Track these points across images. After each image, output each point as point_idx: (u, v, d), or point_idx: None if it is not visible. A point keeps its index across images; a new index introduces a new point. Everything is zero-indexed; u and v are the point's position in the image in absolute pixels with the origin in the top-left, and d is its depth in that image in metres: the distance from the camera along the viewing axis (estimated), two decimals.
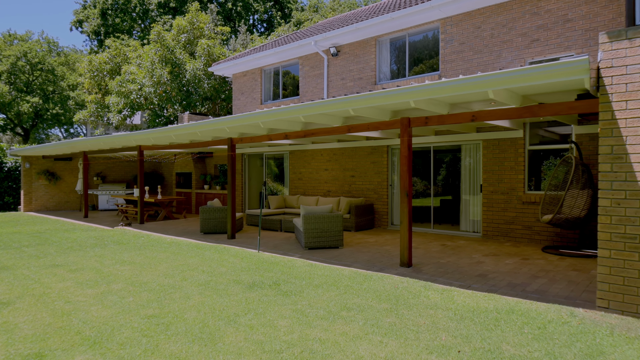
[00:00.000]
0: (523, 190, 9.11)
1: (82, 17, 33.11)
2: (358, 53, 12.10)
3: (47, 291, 5.68)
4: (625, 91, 4.43)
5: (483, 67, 9.63)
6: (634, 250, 4.37)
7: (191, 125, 8.99)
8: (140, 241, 9.95)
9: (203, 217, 10.87)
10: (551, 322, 4.28)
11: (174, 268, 6.97)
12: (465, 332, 4.03)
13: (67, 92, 42.52)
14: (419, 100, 5.73)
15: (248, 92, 15.52)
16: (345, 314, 4.57)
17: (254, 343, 3.82)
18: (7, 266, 7.30)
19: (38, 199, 19.88)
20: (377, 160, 11.68)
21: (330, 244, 8.53)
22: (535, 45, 8.93)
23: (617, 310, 4.48)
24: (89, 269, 6.97)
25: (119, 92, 18.42)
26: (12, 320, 4.54)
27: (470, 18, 9.86)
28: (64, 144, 14.50)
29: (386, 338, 3.90)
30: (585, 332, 4.01)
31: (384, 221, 11.55)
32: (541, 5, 8.85)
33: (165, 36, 19.09)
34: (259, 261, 7.47)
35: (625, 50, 4.43)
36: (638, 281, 4.35)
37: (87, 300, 5.24)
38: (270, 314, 4.61)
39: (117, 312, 4.73)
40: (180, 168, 19.03)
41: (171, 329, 4.20)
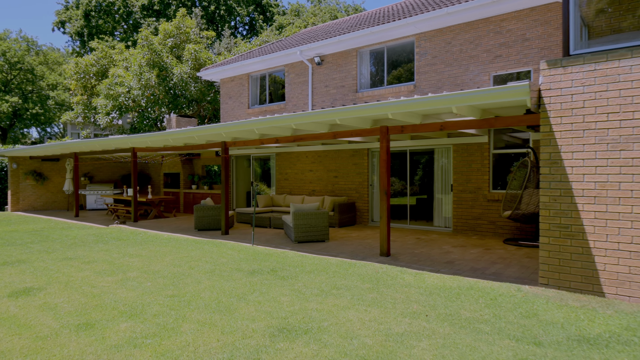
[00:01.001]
0: (488, 190, 10.24)
1: (64, 18, 33.15)
2: (340, 62, 13.07)
3: (71, 279, 6.44)
4: (560, 109, 5.51)
5: (453, 79, 10.72)
6: (567, 237, 5.45)
7: (189, 130, 9.79)
8: (139, 237, 10.68)
9: (197, 214, 11.67)
10: (501, 295, 5.32)
11: (179, 259, 7.79)
12: (432, 303, 5.02)
13: (46, 91, 42.32)
14: (395, 113, 6.73)
15: (236, 97, 16.32)
16: (335, 292, 5.52)
17: (264, 312, 4.73)
18: (23, 260, 7.99)
19: (25, 199, 20.18)
20: (358, 162, 12.68)
21: (318, 238, 9.47)
22: (498, 60, 10.06)
23: (555, 286, 5.55)
24: (101, 261, 7.73)
25: (108, 94, 18.94)
26: (51, 301, 5.33)
27: (441, 34, 10.94)
28: (57, 145, 15.03)
29: (369, 307, 4.87)
30: (527, 302, 5.05)
31: (365, 218, 12.56)
32: (503, 25, 9.99)
33: (152, 40, 19.69)
34: (254, 253, 8.35)
35: (560, 76, 5.51)
36: (570, 262, 5.43)
37: (110, 285, 6.05)
38: (272, 293, 5.53)
39: (141, 294, 5.57)
40: (168, 169, 19.67)
41: (192, 304, 5.07)
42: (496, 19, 10.08)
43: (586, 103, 5.31)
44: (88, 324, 4.45)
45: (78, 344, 3.92)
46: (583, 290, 5.33)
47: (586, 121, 5.31)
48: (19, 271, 7.01)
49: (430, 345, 3.80)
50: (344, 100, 12.96)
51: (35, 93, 42.50)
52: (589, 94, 5.30)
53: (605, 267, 5.18)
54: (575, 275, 5.38)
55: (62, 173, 20.90)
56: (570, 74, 5.44)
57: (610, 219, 5.15)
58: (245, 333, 4.12)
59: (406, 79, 11.94)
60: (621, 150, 5.09)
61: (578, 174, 5.37)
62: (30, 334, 4.19)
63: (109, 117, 19.82)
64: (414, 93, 11.40)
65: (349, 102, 12.82)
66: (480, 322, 4.36)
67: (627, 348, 3.72)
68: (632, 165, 5.01)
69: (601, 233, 5.21)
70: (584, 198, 5.32)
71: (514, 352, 3.63)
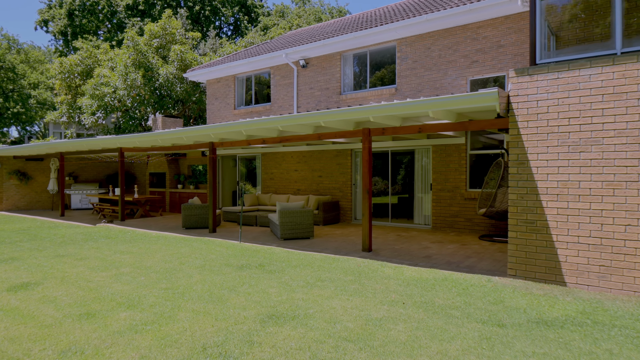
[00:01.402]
0: (465, 189, 10.75)
1: (47, 17, 32.84)
2: (325, 65, 13.47)
3: (66, 274, 6.70)
4: (527, 114, 5.99)
5: (432, 82, 11.21)
6: (532, 232, 5.93)
7: (178, 131, 10.07)
8: (128, 236, 10.90)
9: (185, 213, 11.93)
10: (472, 286, 5.77)
11: (170, 256, 8.09)
12: (409, 293, 5.45)
13: (27, 90, 41.76)
14: (376, 116, 7.14)
15: (222, 98, 16.59)
16: (319, 284, 5.90)
17: (254, 302, 5.09)
18: (15, 257, 8.18)
19: (9, 198, 20.08)
20: (342, 162, 13.09)
21: (303, 235, 9.85)
22: (475, 65, 10.57)
23: (522, 276, 6.03)
24: (93, 258, 7.98)
25: (93, 94, 19.00)
26: (50, 294, 5.59)
27: (422, 40, 11.42)
28: (43, 145, 15.10)
29: (352, 297, 5.27)
30: (495, 291, 5.51)
31: (348, 216, 12.98)
32: (480, 32, 10.50)
33: (138, 41, 19.79)
34: (242, 249, 8.69)
35: (527, 83, 5.99)
36: (535, 255, 5.92)
37: (105, 280, 6.33)
38: (261, 285, 5.88)
39: (136, 287, 5.87)
40: (154, 168, 19.80)
41: (186, 295, 5.40)
42: (473, 26, 10.59)
43: (550, 108, 5.80)
44: (89, 314, 4.75)
45: (82, 331, 4.23)
46: (547, 280, 5.82)
47: (550, 125, 5.80)
48: (13, 268, 7.22)
49: (405, 327, 4.22)
50: (328, 102, 13.36)
51: (16, 92, 41.91)
52: (552, 100, 5.79)
53: (567, 258, 5.68)
54: (540, 266, 5.87)
55: (47, 173, 20.84)
56: (536, 81, 5.92)
57: (571, 214, 5.65)
58: (237, 320, 4.48)
59: (388, 82, 12.39)
60: (581, 152, 5.58)
61: (543, 174, 5.86)
62: (35, 323, 4.47)
63: (94, 117, 19.86)
64: (396, 96, 11.86)
65: (333, 104, 13.22)
66: (452, 309, 4.79)
67: (579, 328, 4.18)
68: (591, 165, 5.51)
69: (563, 228, 5.70)
70: (548, 196, 5.81)
71: (479, 333, 4.07)
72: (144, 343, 3.90)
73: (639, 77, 5.23)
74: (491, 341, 3.87)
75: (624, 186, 5.30)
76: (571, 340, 3.88)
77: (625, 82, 5.31)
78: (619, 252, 5.33)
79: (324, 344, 3.83)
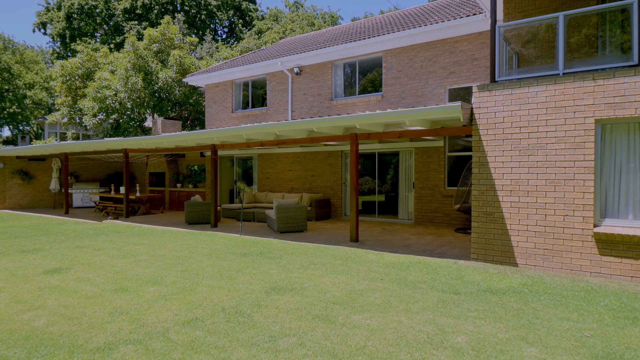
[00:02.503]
0: (444, 187, 11.89)
1: (45, 19, 33.52)
2: (317, 73, 14.54)
3: (91, 261, 7.70)
4: (486, 123, 7.11)
5: (414, 90, 12.33)
6: (491, 222, 7.06)
7: (183, 134, 11.07)
8: (136, 230, 11.89)
9: (188, 210, 12.94)
10: (441, 267, 6.88)
11: (179, 246, 9.11)
12: (387, 272, 6.54)
13: (23, 90, 42.35)
14: (362, 123, 8.23)
15: (220, 102, 17.59)
16: (312, 266, 6.98)
17: (258, 279, 6.15)
18: (39, 249, 9.14)
19: (12, 197, 20.88)
20: (333, 163, 14.18)
21: (297, 228, 10.92)
22: (453, 76, 11.71)
23: (482, 259, 7.16)
24: (110, 249, 8.98)
25: (95, 97, 19.90)
26: (83, 276, 6.60)
27: (405, 52, 12.54)
28: (50, 145, 15.99)
29: (339, 275, 6.35)
30: (458, 270, 6.63)
31: (339, 212, 14.07)
32: (456, 46, 11.64)
33: (138, 45, 20.71)
34: (243, 241, 9.73)
35: (487, 97, 7.11)
36: (493, 241, 7.04)
37: (127, 265, 7.34)
38: (263, 267, 6.95)
39: (156, 270, 6.90)
40: (154, 168, 20.74)
41: (200, 275, 6.44)
42: (451, 41, 11.72)
43: (505, 119, 6.93)
44: (122, 289, 5.78)
45: (121, 300, 5.26)
46: (502, 262, 6.95)
47: (505, 133, 6.93)
48: (40, 257, 8.20)
49: (381, 295, 5.31)
50: (320, 107, 14.43)
51: (11, 92, 42.46)
52: (507, 112, 6.92)
53: (518, 244, 6.81)
54: (496, 250, 7.00)
55: (49, 172, 21.67)
56: (494, 96, 7.05)
57: (521, 207, 6.78)
58: (246, 291, 5.54)
59: (375, 90, 13.50)
60: (529, 155, 6.72)
61: (499, 173, 6.98)
62: (79, 296, 5.50)
63: (96, 118, 20.74)
64: (382, 102, 12.97)
65: (325, 109, 14.30)
66: (420, 283, 5.89)
67: (517, 295, 5.30)
68: (537, 166, 6.65)
69: (515, 218, 6.84)
70: (503, 192, 6.94)
71: (438, 298, 5.17)
72: (174, 306, 4.95)
73: (574, 94, 6.37)
74: (446, 303, 4.97)
75: (563, 183, 6.44)
76: (508, 302, 4.99)
77: (564, 98, 6.45)
78: (559, 237, 6.47)
79: (316, 305, 4.91)
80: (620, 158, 6.28)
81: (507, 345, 3.76)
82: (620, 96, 6.06)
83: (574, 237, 6.36)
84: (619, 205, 6.29)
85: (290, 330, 4.15)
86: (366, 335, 4.01)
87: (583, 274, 6.31)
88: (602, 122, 6.31)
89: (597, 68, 6.53)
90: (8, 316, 4.71)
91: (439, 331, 4.10)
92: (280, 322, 4.37)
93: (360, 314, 4.61)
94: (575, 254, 6.36)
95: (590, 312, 4.65)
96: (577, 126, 6.35)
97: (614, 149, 6.31)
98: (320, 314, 4.61)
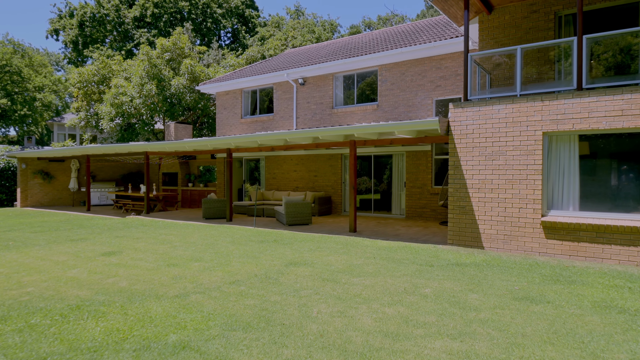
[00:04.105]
0: (431, 186, 13.58)
1: (58, 27, 35.14)
2: (320, 84, 16.21)
3: (136, 247, 9.34)
4: (460, 133, 8.79)
5: (406, 101, 14.01)
6: (463, 214, 8.73)
7: (204, 140, 12.72)
8: (160, 224, 13.52)
9: (205, 206, 14.59)
10: (422, 249, 8.56)
11: (205, 236, 10.76)
12: (379, 253, 8.21)
13: (33, 93, 43.95)
14: (359, 133, 9.90)
15: (230, 108, 19.25)
16: (319, 249, 8.65)
17: (277, 258, 7.81)
18: (84, 238, 10.77)
19: (33, 196, 22.47)
20: (334, 164, 15.84)
21: (303, 222, 12.58)
22: (439, 89, 13.40)
23: (456, 244, 8.83)
24: (147, 238, 10.62)
25: (113, 103, 21.54)
26: (135, 257, 8.24)
27: (398, 67, 14.22)
28: (76, 148, 17.61)
29: (341, 255, 8.02)
30: (436, 251, 8.30)
31: (339, 209, 15.74)
32: (442, 63, 13.33)
33: (152, 55, 22.37)
34: (257, 232, 11.39)
35: (460, 113, 8.79)
36: (465, 229, 8.72)
37: (167, 249, 8.99)
38: (279, 250, 8.61)
39: (193, 252, 8.55)
40: (166, 169, 22.39)
41: (230, 256, 8.10)
42: (437, 58, 13.41)
43: (474, 130, 8.61)
44: (173, 264, 7.44)
45: (176, 271, 6.92)
46: (472, 245, 8.63)
47: (474, 142, 8.61)
48: (90, 244, 9.83)
49: (373, 267, 6.98)
50: (322, 114, 16.10)
51: (21, 95, 44.04)
52: (476, 125, 8.60)
53: (484, 231, 8.49)
54: (467, 236, 8.68)
55: (68, 172, 23.29)
56: (466, 112, 8.73)
57: (487, 201, 8.46)
58: (270, 265, 7.21)
59: (371, 99, 15.18)
60: (493, 160, 8.40)
61: (469, 174, 8.66)
62: (141, 269, 7.15)
63: (113, 122, 22.39)
64: (377, 111, 14.65)
65: (327, 116, 15.97)
66: (404, 260, 7.57)
67: (477, 267, 6.97)
68: (498, 169, 8.33)
69: (482, 210, 8.52)
70: (473, 189, 8.62)
71: (416, 268, 6.85)
72: (218, 274, 6.61)
73: (527, 111, 8.05)
74: (421, 271, 6.65)
75: (518, 182, 8.12)
76: (467, 271, 6.67)
77: (520, 114, 8.13)
78: (515, 225, 8.15)
79: (324, 273, 6.59)
80: (562, 162, 7.97)
81: (458, 293, 5.44)
82: (562, 114, 7.75)
83: (526, 225, 8.05)
84: (561, 200, 7.98)
85: (307, 286, 5.82)
86: (361, 288, 5.68)
87: (533, 253, 8.00)
88: (548, 134, 8.00)
89: (546, 91, 8.22)
90: (95, 281, 6.37)
91: (412, 286, 5.78)
92: (300, 282, 6.05)
93: (357, 278, 6.28)
94: (527, 238, 8.04)
95: (526, 277, 6.34)
96: (529, 137, 8.04)
97: (557, 155, 8.00)
98: (328, 278, 6.29)
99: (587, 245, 7.52)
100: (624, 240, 7.20)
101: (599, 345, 3.81)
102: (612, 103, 7.32)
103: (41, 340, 3.99)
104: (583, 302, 5.07)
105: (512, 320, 4.47)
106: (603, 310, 4.78)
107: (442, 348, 3.75)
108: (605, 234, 7.35)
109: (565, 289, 5.64)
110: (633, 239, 7.12)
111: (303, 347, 3.76)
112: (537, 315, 4.62)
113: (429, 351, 3.69)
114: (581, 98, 7.58)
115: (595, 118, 7.47)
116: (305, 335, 4.05)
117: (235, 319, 4.50)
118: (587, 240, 7.51)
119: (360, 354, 3.62)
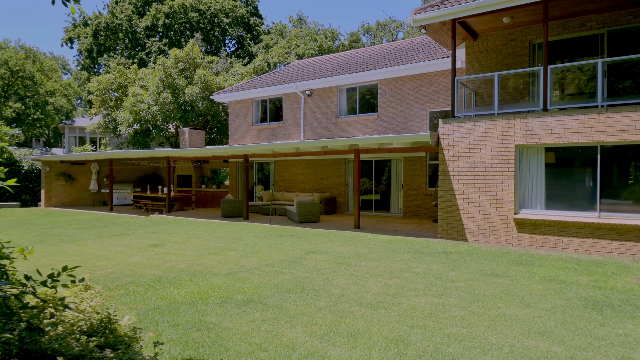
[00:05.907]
0: (425, 188, 15.30)
1: (73, 35, 36.84)
2: (325, 96, 17.93)
3: (174, 240, 11.02)
4: (448, 145, 10.51)
5: (403, 112, 15.73)
6: (450, 212, 10.45)
7: (225, 148, 14.42)
8: (184, 222, 15.20)
9: (224, 206, 16.29)
10: (417, 242, 10.27)
11: (229, 231, 12.45)
12: (380, 245, 9.92)
13: (45, 98, 45.63)
14: (363, 143, 11.62)
15: (242, 116, 20.96)
16: (330, 242, 10.35)
17: (297, 248, 9.52)
18: (125, 233, 12.43)
19: (56, 196, 24.12)
20: (338, 168, 17.56)
21: (312, 219, 14.29)
22: (433, 102, 15.13)
23: (445, 238, 10.55)
24: (179, 233, 12.29)
25: (132, 110, 23.23)
26: (178, 247, 9.92)
27: (396, 81, 15.94)
28: (101, 153, 19.28)
29: (349, 246, 9.73)
30: (427, 243, 10.01)
31: (343, 208, 17.46)
32: (435, 79, 15.06)
33: (167, 65, 24.07)
34: (274, 228, 13.09)
35: (448, 127, 10.51)
36: (452, 225, 10.43)
37: (202, 242, 10.67)
38: (297, 242, 10.31)
39: (225, 244, 10.24)
40: (181, 171, 24.08)
41: (258, 247, 9.80)
42: (431, 74, 15.14)
43: (460, 143, 10.33)
44: (213, 253, 9.13)
45: (218, 257, 8.61)
46: (458, 239, 10.35)
47: (459, 152, 10.33)
48: (133, 238, 11.50)
49: (376, 255, 8.69)
50: (327, 123, 17.82)
51: (33, 99, 45.70)
52: (461, 138, 10.31)
53: (468, 226, 10.21)
54: (454, 231, 10.40)
55: (88, 175, 24.96)
56: (453, 127, 10.45)
57: (470, 202, 10.18)
58: (292, 253, 8.91)
59: (372, 110, 16.90)
60: (475, 167, 10.12)
61: (456, 179, 10.38)
62: (188, 256, 8.83)
63: (131, 128, 24.09)
64: (377, 121, 16.37)
65: (332, 124, 17.69)
66: (400, 249, 9.28)
67: (459, 254, 8.68)
68: (480, 175, 10.05)
69: (466, 209, 10.24)
70: (459, 192, 10.34)
71: (410, 256, 8.56)
72: (254, 260, 8.31)
73: (503, 127, 9.77)
74: (415, 258, 8.37)
75: (495, 186, 9.84)
76: (451, 257, 8.38)
77: (497, 130, 9.85)
78: (493, 221, 9.87)
79: (338, 258, 8.30)
80: (531, 170, 9.70)
81: (442, 272, 7.15)
82: (530, 130, 9.47)
83: (502, 221, 9.77)
84: (531, 200, 9.71)
85: (326, 267, 7.54)
86: (368, 269, 7.40)
87: (507, 245, 9.72)
88: (519, 147, 9.72)
89: (518, 110, 9.95)
90: (157, 265, 8.05)
91: (407, 267, 7.50)
92: (319, 265, 7.76)
93: (364, 262, 8.00)
94: (502, 232, 9.77)
95: (497, 261, 8.06)
96: (504, 149, 9.76)
97: (527, 163, 9.73)
98: (341, 262, 8.00)
99: (550, 238, 9.25)
100: (579, 233, 8.94)
101: (533, 300, 5.53)
102: (569, 122, 9.06)
103: (145, 298, 5.69)
104: (534, 277, 6.80)
105: (477, 287, 6.19)
106: (547, 282, 6.50)
107: (426, 301, 5.47)
108: (564, 228, 9.08)
109: (524, 269, 7.37)
110: (586, 232, 8.85)
111: (331, 300, 5.48)
112: (497, 284, 6.35)
113: (417, 303, 5.40)
114: (545, 117, 9.31)
115: (556, 134, 9.20)
116: (331, 295, 5.76)
117: (278, 287, 6.21)
118: (550, 234, 9.24)
119: (371, 304, 5.33)
